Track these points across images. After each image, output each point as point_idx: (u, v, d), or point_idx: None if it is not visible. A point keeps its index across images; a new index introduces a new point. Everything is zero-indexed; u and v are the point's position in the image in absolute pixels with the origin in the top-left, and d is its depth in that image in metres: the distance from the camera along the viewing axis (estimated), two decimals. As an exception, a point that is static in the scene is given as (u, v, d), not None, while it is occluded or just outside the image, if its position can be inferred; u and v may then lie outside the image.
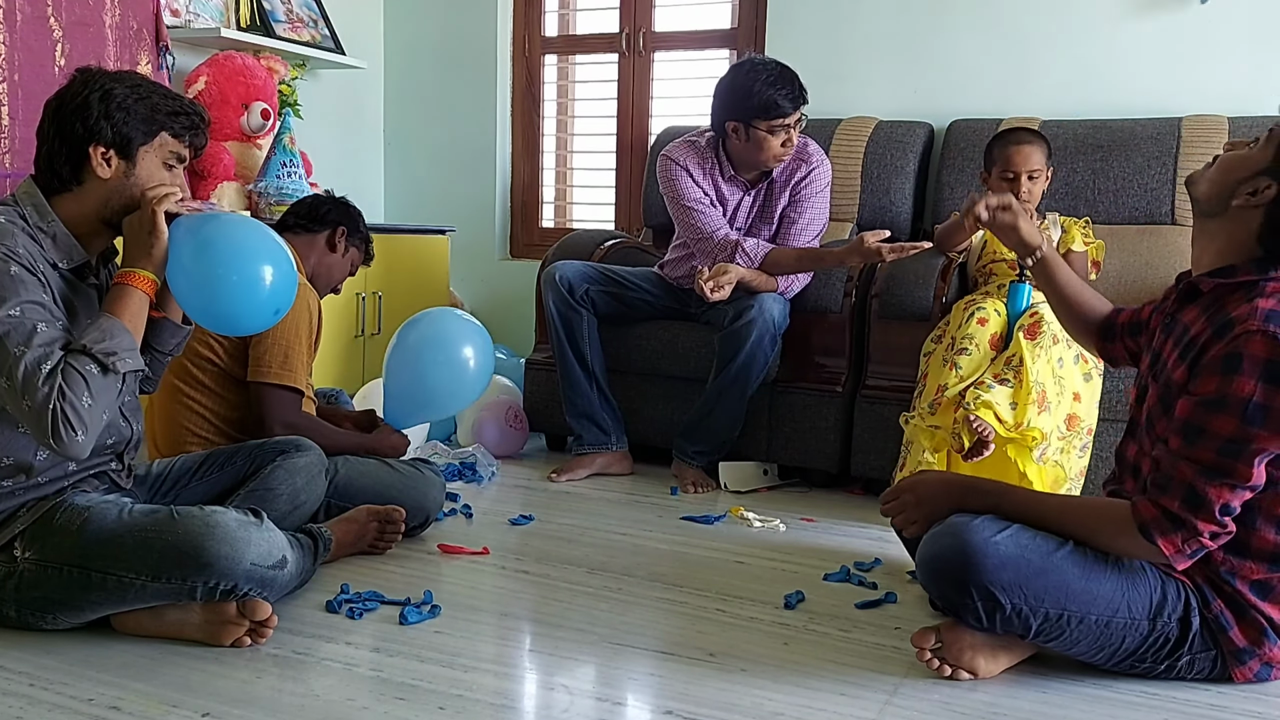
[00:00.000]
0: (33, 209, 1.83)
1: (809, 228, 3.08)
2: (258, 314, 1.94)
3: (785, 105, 2.92)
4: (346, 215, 2.71)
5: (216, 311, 1.92)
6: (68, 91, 1.85)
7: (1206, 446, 1.64)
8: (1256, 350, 1.61)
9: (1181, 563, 1.68)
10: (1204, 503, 1.64)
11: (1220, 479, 1.64)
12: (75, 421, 1.69)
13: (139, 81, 1.88)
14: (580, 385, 3.14)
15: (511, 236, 4.54)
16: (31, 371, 1.68)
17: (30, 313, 1.72)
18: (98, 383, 1.72)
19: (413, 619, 1.98)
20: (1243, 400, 1.61)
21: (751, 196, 3.13)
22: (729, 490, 3.05)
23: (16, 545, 1.82)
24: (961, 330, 2.66)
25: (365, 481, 2.41)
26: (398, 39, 4.53)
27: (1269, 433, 1.61)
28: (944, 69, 3.67)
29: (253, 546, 1.80)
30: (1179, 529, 1.65)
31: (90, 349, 1.73)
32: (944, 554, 1.74)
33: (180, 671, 1.74)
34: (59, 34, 3.03)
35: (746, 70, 2.96)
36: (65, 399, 1.68)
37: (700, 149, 3.12)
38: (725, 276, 2.93)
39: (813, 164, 3.09)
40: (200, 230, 1.86)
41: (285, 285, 1.95)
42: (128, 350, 1.77)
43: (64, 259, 1.85)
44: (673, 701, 1.70)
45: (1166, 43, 3.41)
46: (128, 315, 1.81)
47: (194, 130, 1.92)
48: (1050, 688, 1.78)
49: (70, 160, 1.84)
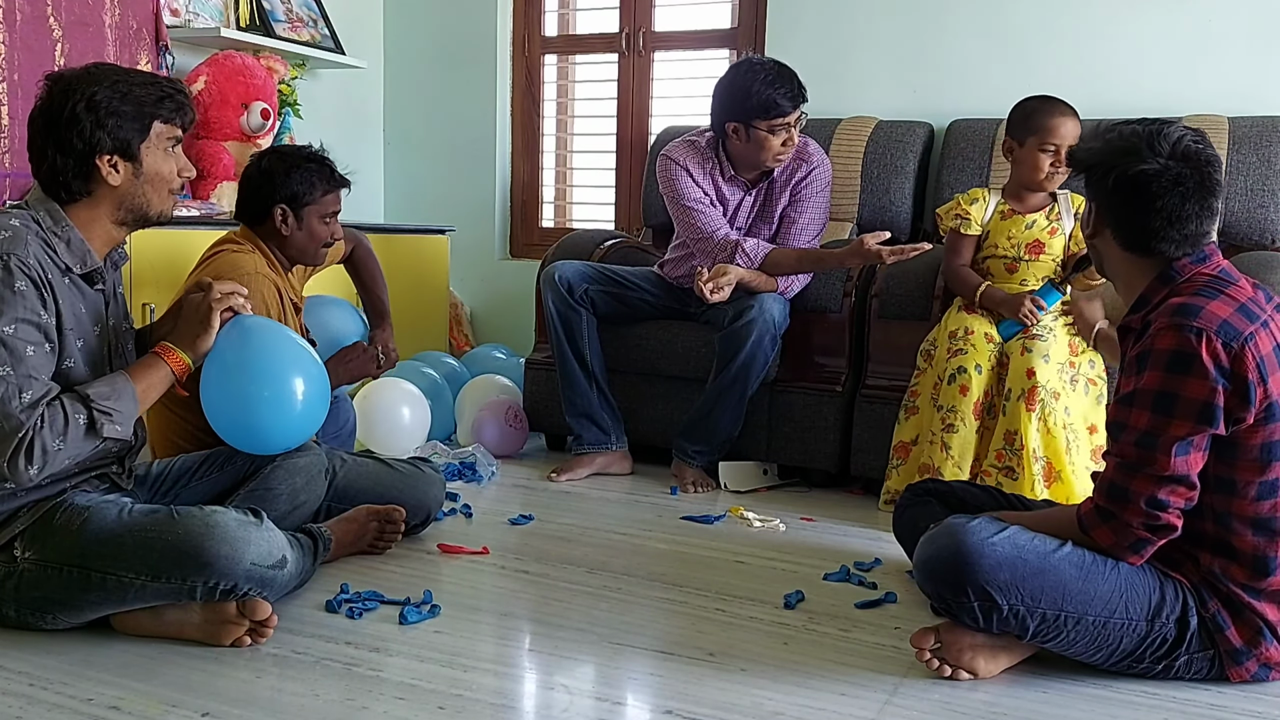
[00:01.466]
0: (46, 214, 1.84)
1: (809, 227, 3.08)
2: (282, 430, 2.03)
3: (785, 104, 2.92)
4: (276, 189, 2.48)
5: (243, 424, 2.01)
6: (50, 106, 1.84)
7: (1126, 440, 1.70)
8: (1164, 344, 1.67)
9: (1127, 556, 1.71)
10: (1126, 495, 1.68)
11: (1140, 470, 1.68)
12: (38, 456, 1.71)
13: (115, 77, 1.87)
14: (580, 385, 3.14)
15: (511, 236, 4.54)
16: (10, 395, 1.70)
17: (24, 333, 1.73)
18: (76, 433, 1.75)
19: (412, 619, 1.98)
20: (1152, 392, 1.67)
21: (752, 196, 3.13)
22: (729, 490, 3.05)
23: (16, 545, 1.82)
24: (945, 395, 2.63)
25: (365, 482, 2.41)
26: (398, 39, 4.53)
27: (1180, 420, 1.65)
28: (944, 69, 3.67)
29: (253, 546, 1.80)
30: (1107, 521, 1.70)
31: (91, 400, 1.76)
32: (940, 555, 1.75)
33: (180, 671, 1.74)
34: (59, 34, 3.03)
35: (745, 70, 2.96)
36: (40, 433, 1.70)
37: (700, 149, 3.12)
38: (725, 278, 2.93)
39: (813, 163, 3.09)
40: (248, 342, 1.97)
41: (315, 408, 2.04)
42: (124, 419, 1.80)
43: (77, 264, 1.85)
44: (673, 701, 1.70)
45: (1166, 43, 3.41)
46: (144, 386, 1.85)
47: (180, 110, 1.93)
48: (1050, 688, 1.77)
49: (79, 174, 1.84)
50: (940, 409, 2.65)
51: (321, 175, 2.55)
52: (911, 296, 2.96)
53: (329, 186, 2.56)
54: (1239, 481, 1.70)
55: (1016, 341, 2.62)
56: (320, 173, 2.55)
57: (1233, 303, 1.69)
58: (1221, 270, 1.77)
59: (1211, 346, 1.64)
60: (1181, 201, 1.71)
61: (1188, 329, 1.65)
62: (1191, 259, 1.76)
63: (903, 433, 2.77)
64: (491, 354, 3.96)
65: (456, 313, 4.36)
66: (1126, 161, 1.73)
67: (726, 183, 3.11)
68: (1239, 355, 1.64)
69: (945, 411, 2.63)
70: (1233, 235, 3.13)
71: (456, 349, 4.22)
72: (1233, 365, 1.64)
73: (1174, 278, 1.75)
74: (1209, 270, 1.76)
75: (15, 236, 1.76)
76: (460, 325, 4.38)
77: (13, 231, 1.76)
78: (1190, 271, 1.75)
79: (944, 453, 2.61)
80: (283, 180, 2.50)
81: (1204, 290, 1.71)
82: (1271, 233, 3.10)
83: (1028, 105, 2.74)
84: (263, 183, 2.51)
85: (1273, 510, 1.70)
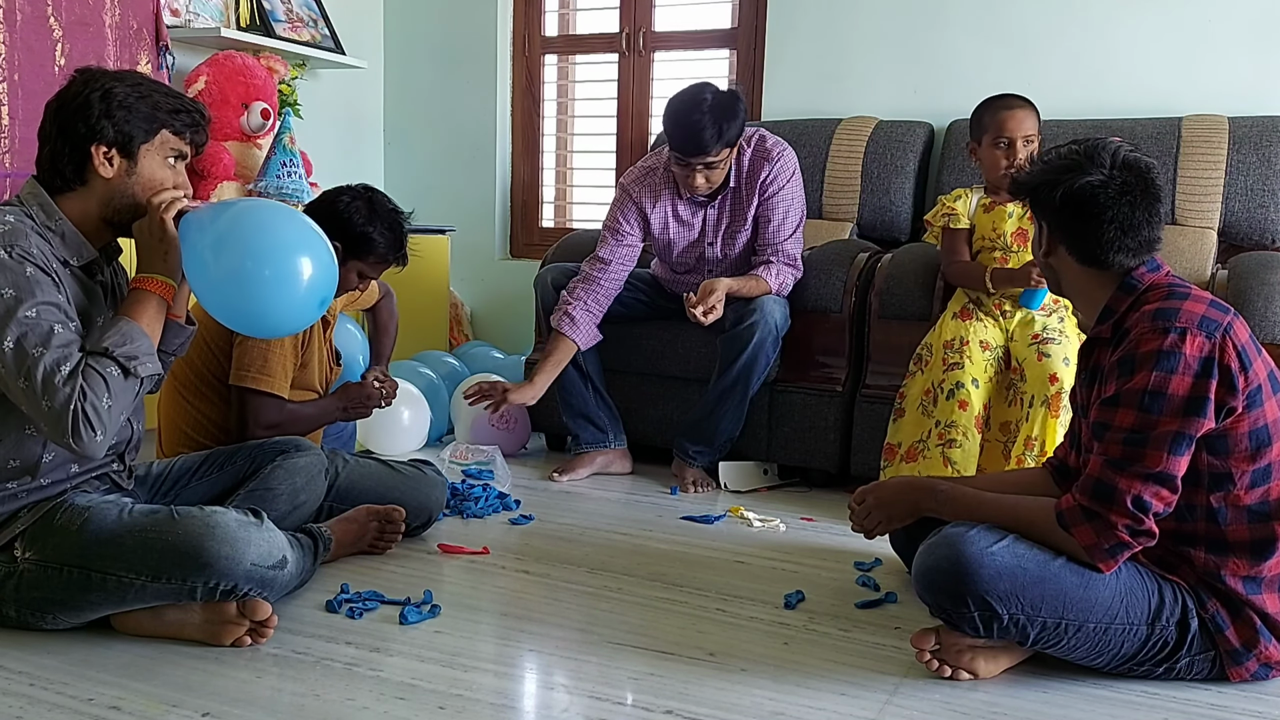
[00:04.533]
0: (39, 208, 1.84)
1: (786, 221, 3.03)
2: (296, 308, 1.87)
3: (680, 152, 2.89)
4: (344, 232, 2.41)
5: (250, 311, 1.86)
6: (68, 91, 1.85)
7: (1112, 439, 1.70)
8: (1148, 346, 1.69)
9: (1103, 559, 1.70)
10: (1113, 494, 1.68)
11: (1128, 468, 1.68)
12: (95, 422, 1.71)
13: (140, 80, 1.89)
14: (575, 386, 3.14)
15: (511, 236, 4.54)
16: (51, 372, 1.69)
17: (46, 314, 1.72)
18: (118, 385, 1.74)
19: (413, 619, 1.98)
20: (1139, 391, 1.68)
21: (715, 209, 3.08)
22: (729, 490, 3.05)
23: (17, 545, 1.82)
24: (942, 410, 2.61)
25: (366, 483, 2.41)
26: (398, 39, 4.53)
27: (1168, 417, 1.66)
28: (944, 69, 3.67)
29: (253, 547, 1.80)
30: (1091, 520, 1.70)
31: (112, 352, 1.75)
32: (939, 565, 1.74)
33: (180, 671, 1.74)
34: (59, 34, 3.03)
35: (672, 105, 2.91)
36: (87, 399, 1.70)
37: (657, 175, 3.09)
38: (713, 296, 2.89)
39: (774, 160, 3.02)
40: (214, 224, 1.83)
41: (324, 272, 1.86)
42: (147, 354, 1.80)
43: (74, 256, 1.85)
44: (673, 701, 1.70)
45: (1166, 42, 3.41)
46: (145, 319, 1.83)
47: (195, 128, 1.92)
48: (1051, 687, 1.78)
49: (73, 160, 1.84)
50: (939, 424, 2.62)
51: (390, 246, 2.48)
52: (911, 296, 2.96)
53: (386, 259, 2.51)
54: (1234, 473, 1.71)
55: (1032, 348, 2.59)
56: (390, 243, 2.48)
57: (1203, 300, 1.74)
58: (1175, 276, 1.82)
59: (1196, 341, 1.67)
60: (1131, 209, 1.75)
61: (1171, 329, 1.68)
62: (1147, 268, 1.80)
63: (891, 435, 2.77)
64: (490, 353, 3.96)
65: (456, 313, 4.36)
66: (1071, 177, 1.77)
67: (684, 203, 3.09)
68: (1221, 345, 1.68)
69: (944, 426, 2.60)
70: (1233, 235, 3.13)
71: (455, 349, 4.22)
72: (1217, 356, 1.67)
73: (1135, 286, 1.79)
74: (1166, 278, 1.80)
75: (15, 229, 1.76)
76: (460, 325, 4.38)
77: (10, 225, 1.76)
78: (1150, 280, 1.79)
79: (948, 467, 2.58)
80: (358, 226, 2.43)
81: (1174, 294, 1.75)
82: (1271, 233, 3.10)
83: (981, 105, 2.79)
84: (340, 215, 2.42)
85: (1265, 496, 1.72)
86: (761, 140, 3.05)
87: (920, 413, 2.68)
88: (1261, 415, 1.71)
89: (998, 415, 2.65)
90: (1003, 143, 2.70)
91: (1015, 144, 2.68)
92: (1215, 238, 3.10)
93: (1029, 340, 2.62)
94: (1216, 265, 3.06)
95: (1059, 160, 1.81)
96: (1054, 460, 2.04)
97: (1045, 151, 1.87)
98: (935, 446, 2.61)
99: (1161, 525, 1.70)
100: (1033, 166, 1.87)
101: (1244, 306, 2.62)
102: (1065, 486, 1.94)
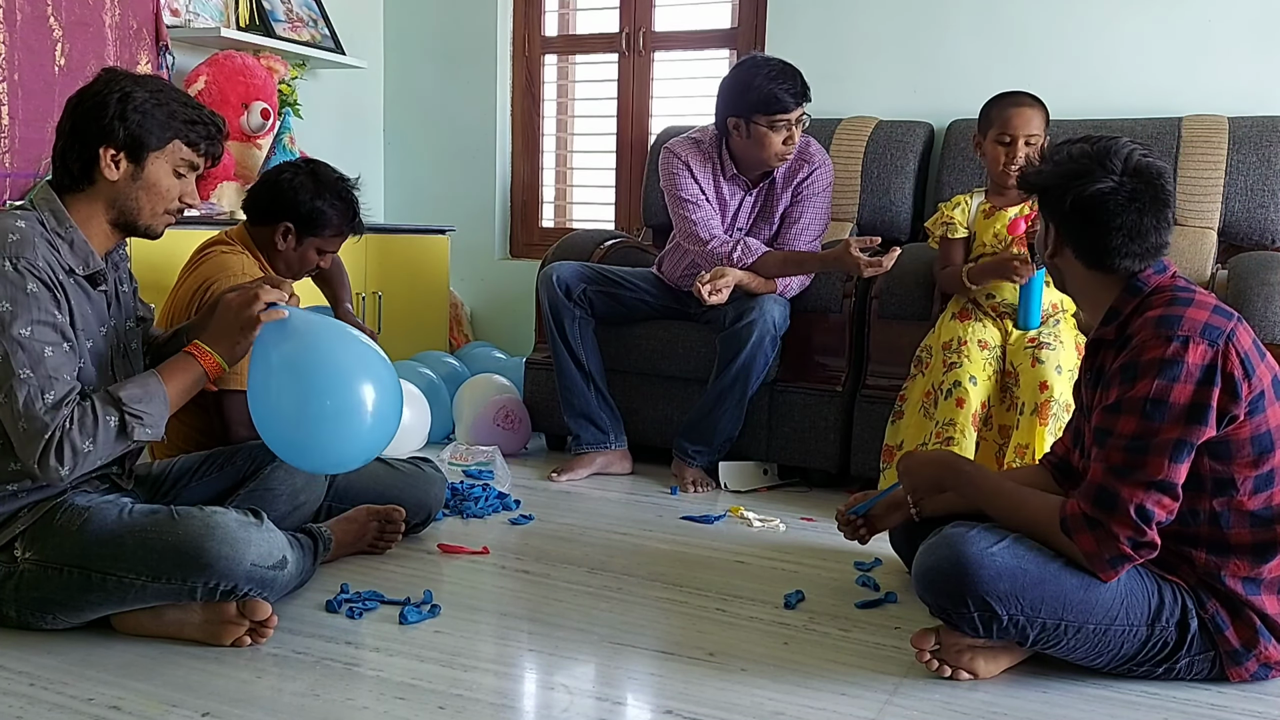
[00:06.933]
0: (51, 214, 1.84)
1: (809, 228, 3.08)
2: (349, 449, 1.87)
3: (786, 100, 2.92)
4: (293, 211, 2.44)
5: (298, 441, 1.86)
6: (89, 90, 1.86)
7: (1114, 446, 1.69)
8: (1151, 354, 1.68)
9: (1104, 570, 1.69)
10: (1116, 502, 1.67)
11: (1130, 475, 1.67)
12: (68, 458, 1.71)
13: (161, 87, 1.88)
14: (577, 386, 3.14)
15: (511, 236, 4.54)
16: (32, 399, 1.69)
17: (41, 334, 1.73)
18: (107, 435, 1.75)
19: (412, 619, 1.98)
20: (1141, 399, 1.67)
21: (753, 197, 3.13)
22: (729, 490, 3.05)
23: (17, 545, 1.82)
24: (942, 409, 2.61)
25: (366, 482, 2.41)
26: (398, 39, 4.53)
27: (1170, 424, 1.66)
28: (944, 69, 3.67)
29: (253, 547, 1.80)
30: (1094, 529, 1.69)
31: (123, 403, 1.75)
32: (939, 566, 1.74)
33: (180, 671, 1.74)
34: (59, 34, 3.03)
35: (749, 66, 2.96)
36: (69, 434, 1.70)
37: (704, 147, 3.11)
38: (723, 279, 2.92)
39: (815, 164, 3.08)
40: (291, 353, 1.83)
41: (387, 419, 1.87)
42: (155, 422, 1.80)
43: (80, 265, 1.85)
44: (673, 701, 1.70)
45: (1167, 42, 3.41)
46: (176, 388, 1.84)
47: (210, 140, 1.92)
48: (1051, 687, 1.78)
49: (81, 158, 1.84)
50: (937, 423, 2.62)
51: (343, 217, 2.50)
52: (911, 296, 2.96)
53: (342, 230, 2.51)
54: (1238, 479, 1.71)
55: (1027, 352, 2.58)
56: (343, 214, 2.49)
57: (1207, 305, 1.73)
58: (1181, 278, 1.81)
59: (1199, 349, 1.66)
60: (1139, 217, 1.75)
61: (1173, 337, 1.67)
62: (1153, 270, 1.79)
63: (889, 436, 2.77)
64: (491, 354, 3.96)
65: (456, 313, 4.36)
66: (1081, 183, 1.76)
67: (728, 182, 3.11)
68: (1224, 353, 1.67)
69: (942, 425, 2.60)
70: (1233, 235, 3.13)
71: (456, 349, 4.22)
72: (1219, 363, 1.66)
73: (1141, 289, 1.79)
74: (1171, 281, 1.79)
75: (23, 239, 1.76)
76: (460, 325, 4.38)
77: (20, 234, 1.76)
78: (1155, 282, 1.79)
79: None
80: (306, 203, 2.46)
81: (1178, 300, 1.74)
82: (1271, 233, 3.10)
83: (991, 99, 2.78)
84: (285, 194, 2.46)
85: (1269, 501, 1.72)
86: (807, 144, 3.10)
87: (921, 415, 2.68)
88: (1265, 421, 1.70)
89: (998, 417, 2.65)
90: (1005, 139, 2.70)
91: (1017, 142, 2.68)
92: (1215, 238, 3.11)
93: (1025, 344, 2.63)
94: (1216, 265, 3.06)
95: (1069, 162, 1.78)
96: (1053, 458, 2.04)
97: (1055, 148, 1.84)
98: (933, 445, 2.61)
99: (1163, 528, 1.70)
100: (1042, 164, 1.85)
101: (1244, 307, 2.62)
102: (1066, 484, 1.95)
